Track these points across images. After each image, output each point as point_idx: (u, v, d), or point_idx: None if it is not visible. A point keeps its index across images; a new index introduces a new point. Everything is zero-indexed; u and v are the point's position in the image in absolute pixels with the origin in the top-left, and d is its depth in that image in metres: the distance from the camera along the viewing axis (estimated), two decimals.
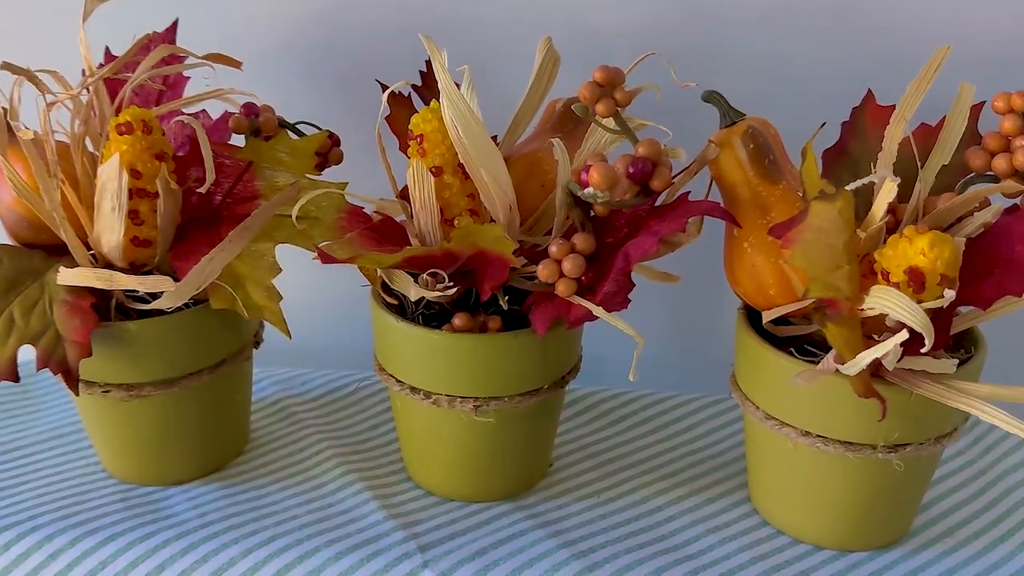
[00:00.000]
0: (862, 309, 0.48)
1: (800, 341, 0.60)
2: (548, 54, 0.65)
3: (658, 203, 0.60)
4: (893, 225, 0.58)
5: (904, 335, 0.46)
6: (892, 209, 0.59)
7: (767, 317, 0.58)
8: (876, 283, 0.49)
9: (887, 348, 0.46)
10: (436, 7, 0.78)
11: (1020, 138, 0.56)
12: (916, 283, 0.47)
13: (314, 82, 0.81)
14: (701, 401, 0.78)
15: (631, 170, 0.56)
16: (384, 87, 0.62)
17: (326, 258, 0.52)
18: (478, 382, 0.61)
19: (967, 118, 0.57)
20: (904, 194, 0.59)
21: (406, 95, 0.68)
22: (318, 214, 0.63)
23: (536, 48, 0.65)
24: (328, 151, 0.69)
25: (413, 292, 0.61)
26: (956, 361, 0.50)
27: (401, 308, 0.64)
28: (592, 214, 0.60)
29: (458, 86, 0.58)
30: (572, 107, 0.58)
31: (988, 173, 0.57)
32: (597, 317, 0.57)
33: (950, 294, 0.45)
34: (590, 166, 0.54)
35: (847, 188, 0.47)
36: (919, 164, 0.56)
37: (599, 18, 0.77)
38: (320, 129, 0.70)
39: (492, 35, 0.79)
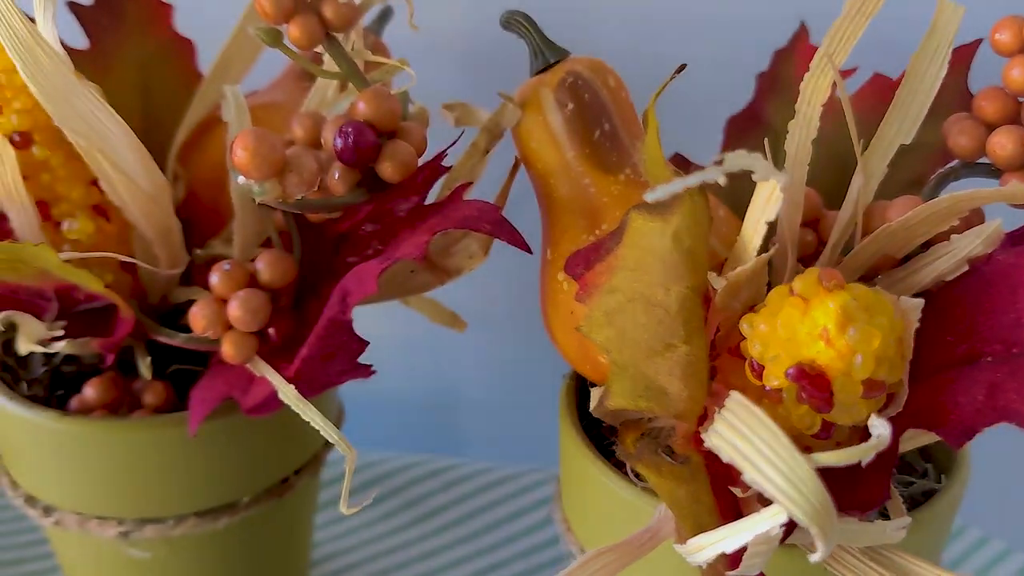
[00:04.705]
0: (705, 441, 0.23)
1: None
2: None
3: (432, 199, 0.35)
4: (813, 250, 0.34)
5: (779, 516, 0.21)
6: (814, 221, 0.34)
7: (594, 400, 0.33)
8: (744, 380, 0.25)
9: (744, 537, 0.21)
10: None
11: None
12: (813, 396, 0.22)
13: None
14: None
15: (337, 144, 0.31)
16: None
17: None
18: (122, 495, 0.36)
19: (947, 62, 0.32)
20: (836, 193, 0.34)
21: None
22: None
23: None
24: None
25: (22, 345, 0.36)
26: (903, 524, 0.26)
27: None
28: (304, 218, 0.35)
29: None
30: (251, 30, 0.33)
31: (983, 161, 0.32)
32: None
33: (881, 431, 0.20)
34: (237, 137, 0.29)
35: (675, 185, 0.22)
36: (858, 143, 0.32)
37: None
38: None
39: None
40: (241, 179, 0.29)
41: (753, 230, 0.24)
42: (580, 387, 0.37)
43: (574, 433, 0.34)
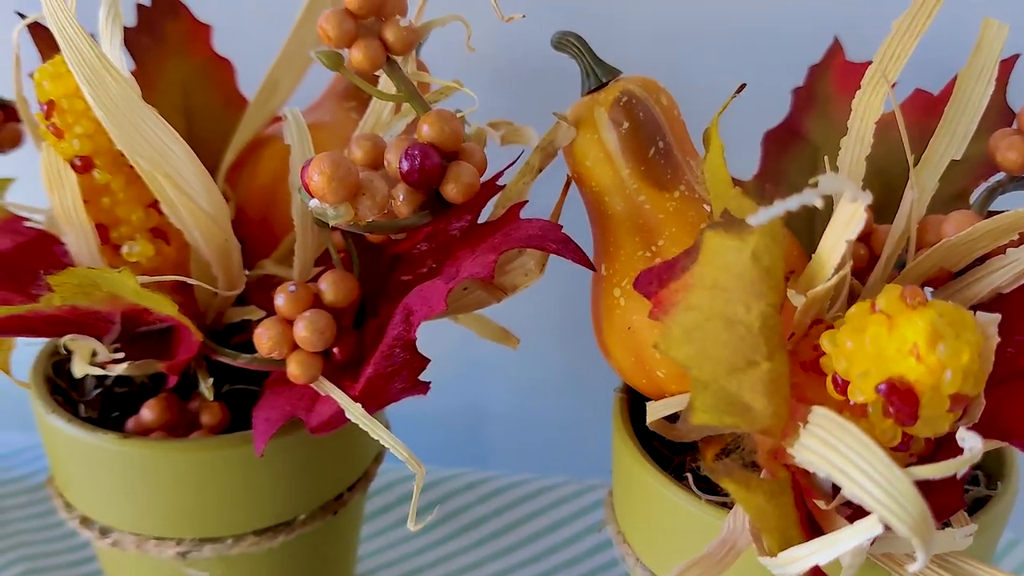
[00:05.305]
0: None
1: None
2: None
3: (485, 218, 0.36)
4: (865, 263, 0.34)
5: (875, 528, 0.22)
6: (866, 235, 0.35)
7: (651, 414, 0.34)
8: (824, 393, 0.25)
9: (839, 548, 0.22)
10: None
11: None
12: (901, 411, 0.23)
13: None
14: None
15: (403, 166, 0.31)
16: (23, 17, 0.37)
17: None
18: (182, 515, 0.37)
19: (994, 78, 0.33)
20: (887, 208, 0.35)
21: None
22: None
23: None
24: None
25: (78, 367, 0.37)
26: (971, 531, 0.27)
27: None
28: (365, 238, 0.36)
29: None
30: (312, 53, 0.33)
31: None
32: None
33: (973, 444, 0.21)
34: (310, 161, 0.30)
35: (776, 209, 0.23)
36: (911, 158, 0.32)
37: None
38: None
39: None
40: (314, 203, 0.30)
41: (832, 248, 0.25)
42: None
43: (632, 447, 0.35)
